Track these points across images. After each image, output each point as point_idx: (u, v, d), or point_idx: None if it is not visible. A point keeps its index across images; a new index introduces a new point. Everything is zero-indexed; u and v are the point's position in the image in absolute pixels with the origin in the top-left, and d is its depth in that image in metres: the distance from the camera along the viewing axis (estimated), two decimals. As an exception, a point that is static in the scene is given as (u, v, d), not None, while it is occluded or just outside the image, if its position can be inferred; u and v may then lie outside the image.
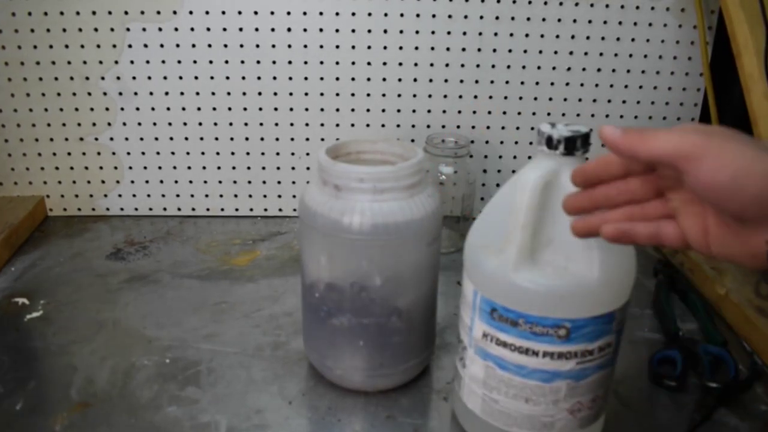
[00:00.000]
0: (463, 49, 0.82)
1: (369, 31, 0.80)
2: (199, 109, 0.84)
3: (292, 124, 0.85)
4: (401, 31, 0.81)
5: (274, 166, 0.87)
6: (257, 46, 0.81)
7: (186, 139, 0.85)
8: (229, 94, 0.83)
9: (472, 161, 0.81)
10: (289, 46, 0.81)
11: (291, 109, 0.84)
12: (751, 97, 0.68)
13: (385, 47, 0.81)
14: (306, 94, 0.83)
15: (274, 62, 0.82)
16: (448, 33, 0.81)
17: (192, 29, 0.79)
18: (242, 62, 0.81)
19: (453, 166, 0.78)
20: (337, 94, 0.84)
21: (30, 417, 0.51)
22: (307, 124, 0.85)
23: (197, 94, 0.83)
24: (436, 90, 0.84)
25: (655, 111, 0.86)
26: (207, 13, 0.79)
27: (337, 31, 0.80)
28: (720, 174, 0.29)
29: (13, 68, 0.80)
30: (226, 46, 0.80)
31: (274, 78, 0.82)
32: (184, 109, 0.84)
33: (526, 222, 0.41)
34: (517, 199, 0.41)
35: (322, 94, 0.84)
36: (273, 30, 0.80)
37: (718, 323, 0.64)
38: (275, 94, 0.83)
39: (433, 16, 0.80)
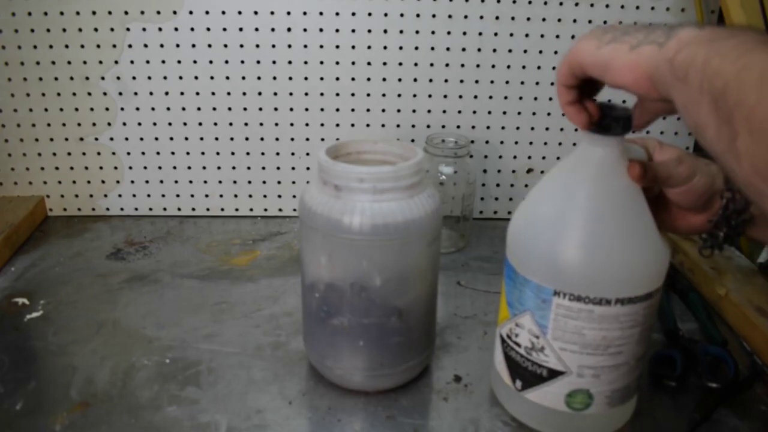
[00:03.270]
0: (463, 49, 0.82)
1: (369, 31, 0.80)
2: (199, 109, 0.84)
3: (292, 124, 0.85)
4: (401, 31, 0.81)
5: (274, 166, 0.87)
6: (257, 46, 0.81)
7: (186, 139, 0.85)
8: (229, 94, 0.83)
9: (472, 161, 0.81)
10: (289, 46, 0.81)
11: (291, 109, 0.84)
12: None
13: (385, 47, 0.81)
14: (306, 94, 0.83)
15: (274, 62, 0.82)
16: (448, 33, 0.81)
17: (192, 29, 0.79)
18: (242, 62, 0.81)
19: (453, 166, 0.78)
20: (337, 94, 0.84)
21: (30, 417, 0.51)
22: (307, 124, 0.85)
23: (197, 94, 0.83)
24: (436, 90, 0.84)
25: (655, 111, 0.86)
26: (207, 13, 0.79)
27: (337, 31, 0.80)
28: (699, 183, 0.46)
29: (13, 68, 0.80)
30: (226, 46, 0.80)
31: (274, 78, 0.82)
32: (184, 109, 0.84)
33: None
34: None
35: (322, 94, 0.84)
36: (273, 30, 0.80)
37: (718, 323, 0.64)
38: (275, 94, 0.83)
39: (433, 16, 0.80)
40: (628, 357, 0.46)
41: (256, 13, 0.79)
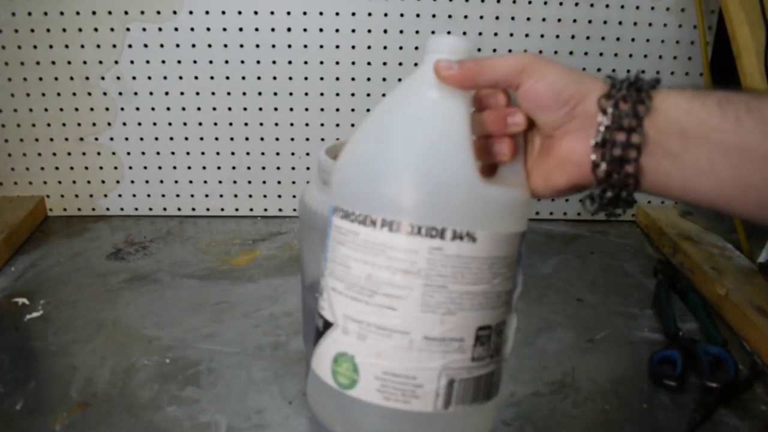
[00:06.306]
0: (463, 49, 0.82)
1: (369, 31, 0.81)
2: (199, 109, 0.84)
3: (292, 124, 0.85)
4: (401, 31, 0.81)
5: (274, 166, 0.87)
6: (257, 46, 0.81)
7: (186, 139, 0.85)
8: (229, 94, 0.83)
9: (472, 161, 0.81)
10: (289, 46, 0.81)
11: (291, 109, 0.84)
12: (751, 97, 0.68)
13: (385, 47, 0.81)
14: (306, 94, 0.83)
15: (274, 62, 0.82)
16: (448, 33, 0.81)
17: (192, 29, 0.79)
18: (242, 62, 0.81)
19: (453, 166, 0.78)
20: (337, 94, 0.84)
21: (30, 417, 0.51)
22: (307, 124, 0.85)
23: (197, 94, 0.83)
24: (436, 90, 0.84)
25: (655, 111, 0.86)
26: (207, 13, 0.79)
27: (337, 31, 0.80)
28: (541, 82, 0.34)
29: (13, 68, 0.80)
30: (226, 46, 0.80)
31: (274, 78, 0.82)
32: (184, 109, 0.84)
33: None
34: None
35: (322, 94, 0.84)
36: (273, 30, 0.80)
37: (718, 323, 0.64)
38: (275, 94, 0.83)
39: (433, 16, 0.80)
40: (407, 324, 0.33)
41: (256, 13, 0.79)
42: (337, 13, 0.80)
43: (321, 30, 0.80)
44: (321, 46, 0.81)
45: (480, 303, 0.34)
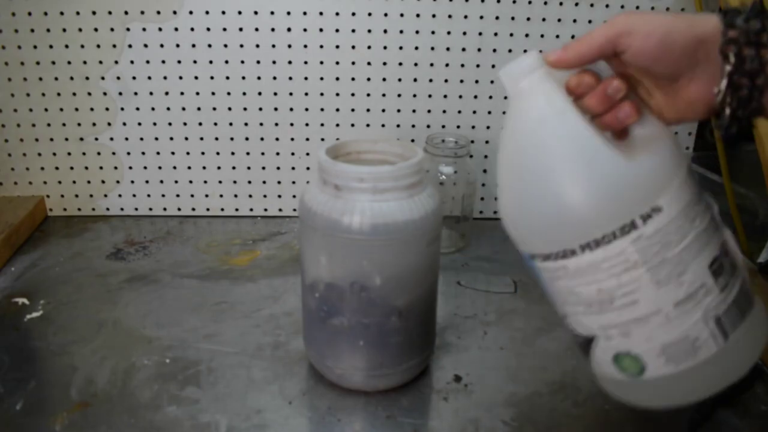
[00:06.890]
0: (463, 49, 0.82)
1: (369, 31, 0.81)
2: (199, 109, 0.84)
3: (292, 124, 0.85)
4: (401, 31, 0.81)
5: (274, 166, 0.87)
6: (257, 46, 0.81)
7: (186, 139, 0.85)
8: (229, 94, 0.83)
9: (472, 161, 0.82)
10: (289, 46, 0.81)
11: (291, 109, 0.84)
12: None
13: (385, 47, 0.81)
14: (306, 94, 0.83)
15: (274, 62, 0.82)
16: (448, 33, 0.81)
17: (192, 29, 0.79)
18: (242, 62, 0.81)
19: (453, 166, 0.78)
20: (337, 94, 0.84)
21: (30, 417, 0.51)
22: (307, 124, 0.85)
23: (197, 94, 0.83)
24: (436, 90, 0.84)
25: (655, 111, 0.86)
26: (207, 13, 0.79)
27: (337, 31, 0.80)
28: (650, 39, 0.34)
29: (13, 68, 0.80)
30: (226, 46, 0.80)
31: (274, 78, 0.82)
32: (184, 109, 0.84)
33: None
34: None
35: (322, 94, 0.84)
36: (273, 30, 0.80)
37: (718, 323, 0.64)
38: (275, 94, 0.83)
39: (433, 16, 0.80)
40: (654, 305, 0.36)
41: (256, 13, 0.79)
42: (337, 13, 0.80)
43: (321, 30, 0.80)
44: (321, 46, 0.81)
45: (698, 248, 0.36)
